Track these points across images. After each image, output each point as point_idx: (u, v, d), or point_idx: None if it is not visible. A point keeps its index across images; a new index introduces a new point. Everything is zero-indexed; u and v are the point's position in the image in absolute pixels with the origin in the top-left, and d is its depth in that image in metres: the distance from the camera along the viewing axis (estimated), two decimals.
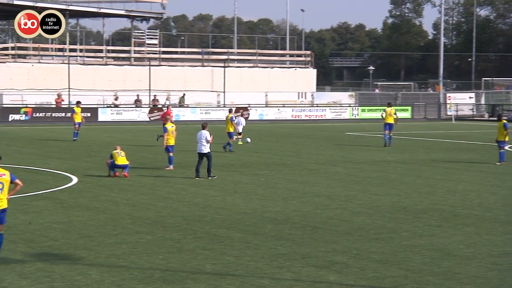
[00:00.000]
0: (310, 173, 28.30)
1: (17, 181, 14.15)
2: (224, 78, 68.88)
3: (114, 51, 78.10)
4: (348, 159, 33.41)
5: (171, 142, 28.87)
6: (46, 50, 73.79)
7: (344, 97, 76.97)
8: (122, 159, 26.63)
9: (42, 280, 12.99)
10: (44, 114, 60.56)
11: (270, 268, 13.99)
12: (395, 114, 41.17)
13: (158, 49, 76.66)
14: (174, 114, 55.48)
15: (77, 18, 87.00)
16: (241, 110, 63.16)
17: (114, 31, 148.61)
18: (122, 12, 77.35)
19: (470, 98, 75.42)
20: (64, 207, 20.24)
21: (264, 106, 69.01)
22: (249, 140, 40.11)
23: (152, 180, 25.91)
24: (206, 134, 26.17)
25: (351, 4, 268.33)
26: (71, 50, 73.20)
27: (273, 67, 77.66)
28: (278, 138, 45.92)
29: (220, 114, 65.91)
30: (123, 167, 26.63)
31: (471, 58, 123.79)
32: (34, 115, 60.14)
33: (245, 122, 41.70)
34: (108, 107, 63.52)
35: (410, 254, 15.14)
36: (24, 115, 59.97)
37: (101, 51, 75.04)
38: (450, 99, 71.91)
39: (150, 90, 65.73)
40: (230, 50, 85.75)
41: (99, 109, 62.42)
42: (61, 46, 76.39)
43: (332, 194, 22.93)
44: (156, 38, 77.86)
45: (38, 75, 65.73)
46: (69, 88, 62.63)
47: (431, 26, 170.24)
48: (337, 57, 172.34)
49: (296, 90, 73.86)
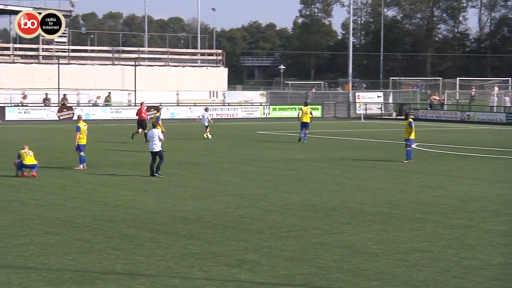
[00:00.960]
0: (221, 172, 28.32)
1: None
2: (135, 77, 68.28)
3: (21, 49, 76.44)
4: (259, 158, 33.57)
5: (83, 141, 28.51)
6: None
7: (255, 96, 77.27)
8: (30, 159, 26.13)
9: None
10: None
11: (181, 267, 13.95)
12: (311, 113, 42.52)
13: (67, 47, 75.42)
14: (84, 113, 54.77)
15: None
16: (153, 109, 62.67)
17: None
18: (30, 9, 75.78)
19: (379, 97, 76.71)
20: None
21: (175, 105, 68.71)
22: (210, 136, 43.07)
23: (61, 180, 25.51)
24: (158, 132, 26.18)
25: (262, 3, 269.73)
26: None
27: (184, 66, 77.39)
28: (190, 137, 45.79)
29: (131, 113, 65.36)
30: (31, 167, 26.14)
31: (379, 57, 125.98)
32: None
33: (209, 117, 44.56)
34: (15, 106, 62.21)
35: (320, 251, 15.30)
36: None
37: (8, 49, 73.32)
38: (359, 98, 73.03)
39: (59, 88, 64.65)
40: (141, 49, 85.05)
41: (6, 108, 61.07)
42: None
43: (243, 193, 23.00)
44: (65, 36, 76.51)
45: None
46: None
47: (340, 26, 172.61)
48: (248, 56, 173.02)
49: (207, 89, 73.77)
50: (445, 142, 42.47)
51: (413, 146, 32.72)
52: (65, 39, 76.31)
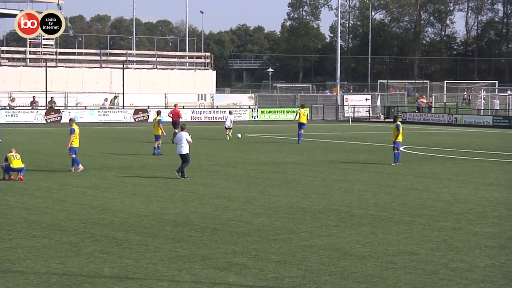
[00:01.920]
0: (209, 174, 28.32)
1: None
2: (122, 80, 68.22)
3: (8, 52, 76.28)
4: (247, 161, 33.58)
5: (76, 144, 28.51)
6: None
7: (243, 98, 77.30)
8: (17, 162, 26.06)
9: None
10: None
11: (169, 270, 13.94)
12: (307, 115, 45.31)
13: (54, 50, 75.30)
14: (72, 116, 54.57)
15: None
16: (141, 112, 62.60)
17: (8, 31, 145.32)
18: (17, 12, 75.51)
19: (367, 100, 76.91)
20: None
21: (163, 107, 68.63)
22: (239, 135, 45.72)
23: (48, 183, 25.45)
24: (186, 135, 26.62)
25: (250, 6, 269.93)
26: None
27: (172, 69, 77.37)
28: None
29: (118, 116, 65.31)
30: (19, 170, 26.07)
31: (367, 60, 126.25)
32: None
33: (233, 119, 47.89)
34: (3, 109, 62.04)
35: (308, 254, 15.32)
36: None
37: None
38: (347, 101, 73.16)
39: (46, 91, 64.50)
40: (129, 52, 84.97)
41: None
42: None
43: (231, 196, 23.00)
44: (52, 39, 76.40)
45: None
46: None
47: (328, 29, 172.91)
48: (236, 59, 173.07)
49: (195, 91, 73.78)
50: (432, 145, 42.62)
51: (400, 148, 32.81)
52: (52, 42, 76.23)
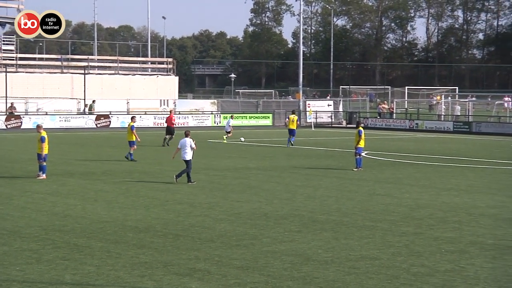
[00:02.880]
0: (172, 180, 28.22)
1: None
2: (84, 85, 67.78)
3: None
4: (210, 166, 33.55)
5: (47, 150, 28.28)
6: None
7: (206, 104, 77.23)
8: None
9: None
10: None
11: (132, 277, 13.87)
12: (297, 121, 46.85)
13: (14, 55, 74.59)
14: (32, 122, 54.13)
15: None
16: (103, 118, 62.28)
17: None
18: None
19: (329, 105, 77.24)
20: None
21: (125, 113, 68.32)
22: (242, 139, 46.69)
23: (8, 189, 25.19)
24: (190, 141, 27.24)
25: (212, 12, 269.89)
26: None
27: (134, 74, 77.06)
28: (140, 145, 45.52)
29: (80, 122, 64.87)
30: None
31: (329, 66, 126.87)
32: None
33: (232, 123, 49.91)
34: None
35: (271, 259, 15.33)
36: None
37: None
38: (309, 107, 73.41)
39: (6, 97, 63.86)
40: (90, 57, 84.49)
41: None
42: None
43: (194, 202, 22.96)
44: (12, 44, 75.74)
45: None
46: None
47: (291, 34, 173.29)
48: (199, 64, 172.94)
49: (158, 97, 73.56)
50: (394, 150, 42.92)
51: (362, 154, 32.99)
52: (12, 47, 75.53)
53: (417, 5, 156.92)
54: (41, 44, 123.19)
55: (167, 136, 45.42)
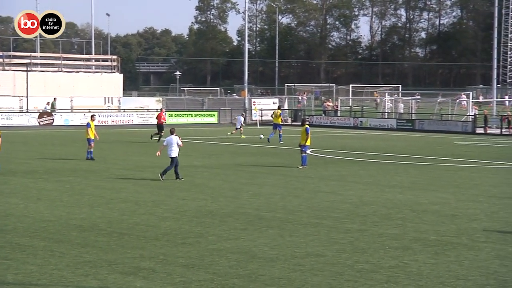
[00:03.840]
0: (117, 179, 28.03)
1: None
2: (26, 83, 66.85)
3: None
4: (155, 164, 33.34)
5: None
6: None
7: (151, 102, 76.80)
8: None
9: None
10: None
11: (75, 276, 13.73)
12: (281, 116, 49.30)
13: None
14: None
15: None
16: (46, 116, 61.51)
17: None
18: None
19: (274, 103, 77.38)
20: None
21: (69, 111, 67.61)
22: (262, 136, 47.47)
23: None
24: (176, 139, 27.44)
25: (157, 9, 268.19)
26: None
27: (78, 72, 76.30)
28: (84, 143, 45.09)
29: (22, 120, 63.99)
30: None
31: (275, 64, 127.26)
32: None
33: (242, 120, 52.45)
34: None
35: (216, 257, 15.33)
36: None
37: None
38: (255, 105, 73.49)
39: None
40: (33, 54, 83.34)
41: None
42: None
43: (139, 200, 22.83)
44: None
45: None
46: None
47: (236, 32, 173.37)
48: (143, 62, 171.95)
49: (102, 95, 72.91)
50: (338, 148, 43.21)
51: (308, 152, 33.15)
52: None
53: (360, 3, 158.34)
54: None
55: (160, 132, 47.04)
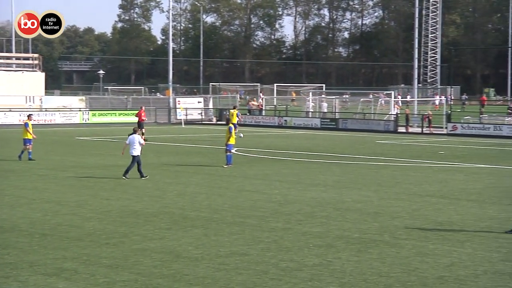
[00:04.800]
0: (39, 179, 27.61)
1: None
2: None
3: None
4: (79, 164, 33.00)
5: None
6: None
7: (74, 101, 75.76)
8: None
9: None
10: None
11: None
12: (238, 116, 50.12)
13: None
14: None
15: None
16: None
17: None
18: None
19: (199, 102, 77.23)
20: None
21: None
22: (241, 135, 45.64)
23: None
24: (138, 137, 28.02)
25: (79, 7, 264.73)
26: None
27: None
28: (5, 143, 44.31)
29: None
30: None
31: (199, 63, 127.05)
32: None
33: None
34: None
35: (140, 257, 15.26)
36: None
37: None
38: (179, 104, 73.20)
39: None
40: None
41: None
42: None
43: (62, 200, 22.54)
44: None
45: None
46: None
47: (160, 31, 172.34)
48: (66, 60, 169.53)
49: (23, 94, 71.59)
50: (263, 147, 43.37)
51: (232, 151, 33.19)
52: None
53: (284, 3, 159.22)
54: None
55: (142, 130, 46.28)
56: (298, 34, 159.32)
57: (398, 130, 59.46)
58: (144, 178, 27.75)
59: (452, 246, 16.76)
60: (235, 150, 36.47)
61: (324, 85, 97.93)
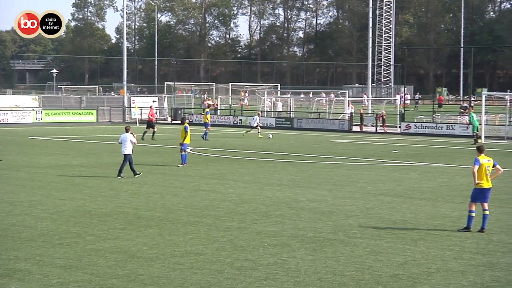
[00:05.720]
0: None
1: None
2: None
3: None
4: (31, 164, 32.65)
5: None
6: None
7: (27, 100, 74.92)
8: None
9: None
10: None
11: None
12: (207, 115, 51.83)
13: None
14: None
15: None
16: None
17: None
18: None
19: (154, 101, 76.86)
20: None
21: None
22: (271, 136, 49.70)
23: None
24: (130, 136, 27.92)
25: (31, 4, 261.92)
26: None
27: None
28: None
29: None
30: None
31: (154, 62, 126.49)
32: None
33: (258, 119, 52.62)
34: None
35: (94, 258, 15.15)
36: None
37: None
38: (134, 103, 72.80)
39: None
40: None
41: None
42: None
43: (14, 200, 22.28)
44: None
45: None
46: None
47: (114, 30, 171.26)
48: (18, 59, 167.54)
49: None
50: (218, 146, 43.33)
51: (188, 150, 33.10)
52: None
53: (239, 2, 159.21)
54: None
55: (147, 129, 48.37)
56: (253, 34, 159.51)
57: (353, 130, 59.87)
58: (137, 175, 27.86)
59: (405, 245, 16.90)
60: (191, 150, 36.38)
61: (279, 84, 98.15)
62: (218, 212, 20.87)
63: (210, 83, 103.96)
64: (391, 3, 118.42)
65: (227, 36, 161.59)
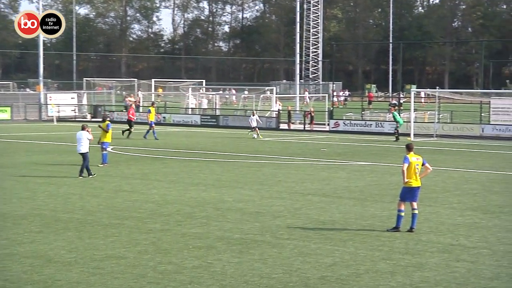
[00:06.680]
0: None
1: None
2: None
3: None
4: None
5: None
6: None
7: None
8: None
9: None
10: None
11: None
12: (155, 113, 51.56)
13: None
14: None
15: None
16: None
17: None
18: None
19: (72, 98, 75.32)
20: None
21: None
22: (258, 136, 48.85)
23: None
24: (86, 134, 27.41)
25: None
26: None
27: None
28: None
29: None
30: None
31: (72, 57, 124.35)
32: None
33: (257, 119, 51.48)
34: None
35: (8, 263, 14.57)
36: None
37: None
38: (51, 100, 71.13)
39: None
40: None
41: None
42: None
43: None
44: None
45: None
46: None
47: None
48: None
49: None
50: (141, 145, 42.58)
51: (108, 149, 32.32)
52: None
53: None
54: None
55: (131, 128, 48.16)
56: (176, 28, 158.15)
57: (280, 127, 59.49)
58: (92, 176, 27.21)
59: (334, 246, 16.62)
60: (112, 149, 35.57)
61: (204, 80, 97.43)
62: (141, 213, 20.31)
63: (132, 79, 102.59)
64: None
65: (150, 30, 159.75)
